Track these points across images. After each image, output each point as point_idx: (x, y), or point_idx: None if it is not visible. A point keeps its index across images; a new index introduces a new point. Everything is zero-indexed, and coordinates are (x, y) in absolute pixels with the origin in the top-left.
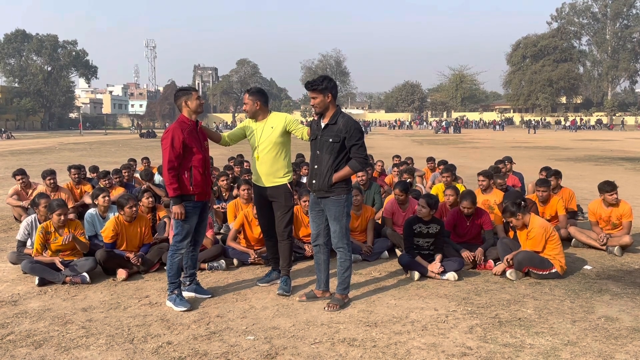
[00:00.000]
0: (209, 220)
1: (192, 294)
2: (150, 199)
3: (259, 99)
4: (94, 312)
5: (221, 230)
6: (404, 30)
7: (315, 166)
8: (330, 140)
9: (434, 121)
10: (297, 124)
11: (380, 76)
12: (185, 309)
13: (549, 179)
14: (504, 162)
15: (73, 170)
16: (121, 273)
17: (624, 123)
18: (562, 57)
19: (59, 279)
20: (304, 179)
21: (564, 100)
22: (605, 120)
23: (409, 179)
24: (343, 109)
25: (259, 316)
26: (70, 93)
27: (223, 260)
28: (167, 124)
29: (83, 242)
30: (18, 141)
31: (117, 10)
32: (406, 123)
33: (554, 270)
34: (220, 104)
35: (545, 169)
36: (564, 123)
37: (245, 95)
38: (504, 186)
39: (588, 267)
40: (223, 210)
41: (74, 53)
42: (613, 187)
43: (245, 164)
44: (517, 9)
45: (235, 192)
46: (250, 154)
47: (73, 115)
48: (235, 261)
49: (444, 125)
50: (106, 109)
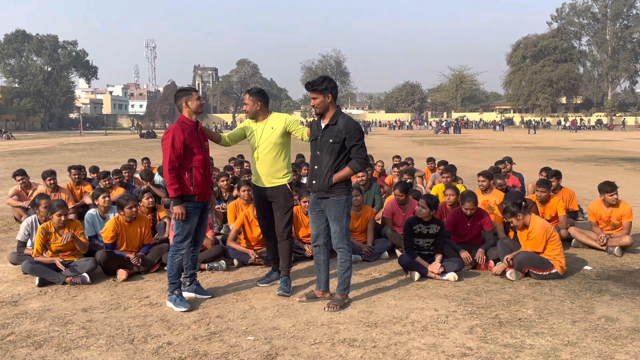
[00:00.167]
0: (209, 220)
1: (192, 295)
2: (150, 200)
3: (260, 99)
4: (94, 313)
5: (221, 231)
6: (404, 30)
7: (316, 167)
8: (331, 140)
9: (434, 121)
10: (298, 124)
11: (380, 76)
12: (185, 309)
13: (551, 179)
14: (504, 163)
15: (73, 170)
16: (121, 273)
17: (625, 123)
18: (562, 58)
19: (59, 279)
20: (304, 180)
21: (564, 100)
22: (605, 120)
23: (409, 179)
24: (343, 109)
25: (259, 316)
26: (70, 93)
27: (223, 261)
28: (167, 125)
29: (82, 242)
30: (18, 141)
31: (117, 10)
32: (406, 123)
33: (554, 271)
34: (220, 104)
35: (545, 170)
36: (564, 123)
37: (246, 96)
38: (504, 186)
39: (588, 268)
40: (223, 210)
41: (74, 53)
42: (613, 188)
43: (245, 164)
44: (517, 9)
45: (235, 193)
46: (250, 155)
47: (73, 115)
48: (236, 261)
49: (444, 126)
50: (106, 109)
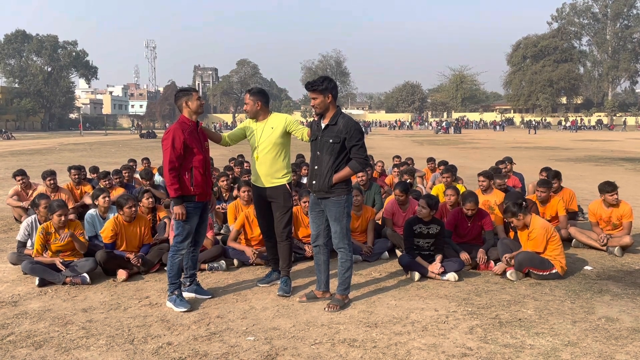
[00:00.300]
0: (209, 221)
1: (193, 295)
2: (150, 200)
3: (260, 99)
4: (94, 313)
5: (221, 231)
6: (404, 30)
7: (316, 167)
8: (331, 141)
9: (434, 121)
10: (298, 124)
11: (380, 76)
12: (185, 309)
13: (552, 181)
14: (505, 163)
15: (73, 170)
16: (121, 274)
17: (626, 123)
18: (563, 58)
19: (59, 279)
20: (304, 180)
21: (564, 100)
22: (605, 120)
23: (409, 179)
24: (343, 110)
25: (259, 317)
26: (70, 93)
27: (223, 261)
28: (167, 125)
29: (81, 242)
30: (18, 142)
31: (117, 10)
32: (406, 123)
33: (554, 271)
34: (220, 104)
35: (546, 170)
36: (564, 124)
37: (247, 95)
38: (503, 186)
39: (588, 268)
40: (223, 211)
41: (74, 53)
42: (614, 188)
43: (245, 164)
44: (518, 9)
45: (235, 193)
46: (250, 155)
47: (73, 115)
48: (236, 262)
49: (444, 126)
50: (106, 109)
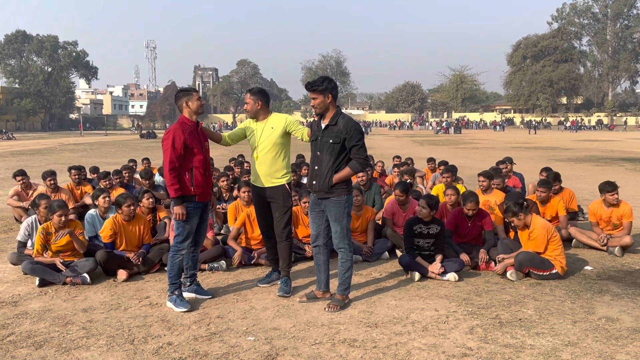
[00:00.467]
0: (209, 221)
1: (193, 295)
2: (150, 200)
3: (260, 98)
4: (94, 313)
5: (221, 231)
6: (404, 30)
7: (316, 167)
8: (331, 141)
9: (434, 122)
10: (298, 124)
11: (380, 77)
12: (185, 309)
13: (554, 184)
14: (505, 163)
15: (73, 171)
16: (122, 274)
17: (627, 123)
18: (563, 58)
19: (59, 279)
20: (304, 180)
21: (564, 100)
22: (605, 120)
23: (409, 179)
24: (343, 110)
25: (260, 317)
26: (70, 94)
27: (223, 261)
28: (168, 125)
29: (80, 241)
30: (18, 142)
31: (118, 10)
32: (406, 123)
33: (554, 271)
34: (220, 104)
35: (546, 170)
36: (565, 124)
37: (247, 95)
38: (501, 185)
39: (589, 268)
40: (223, 211)
41: (74, 54)
42: (614, 188)
43: (245, 164)
44: (518, 9)
45: (235, 193)
46: (250, 155)
47: (73, 116)
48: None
49: (444, 126)
50: (106, 109)
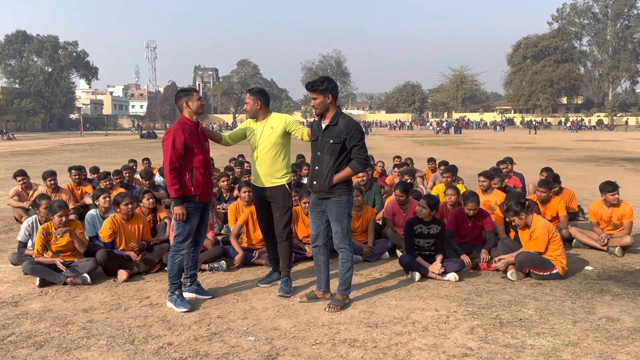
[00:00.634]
0: (210, 221)
1: (193, 295)
2: (150, 200)
3: (260, 98)
4: (94, 313)
5: (222, 232)
6: (405, 30)
7: (316, 167)
8: (331, 141)
9: (434, 122)
10: (297, 124)
11: (380, 77)
12: (186, 309)
13: (554, 186)
14: (506, 163)
15: (74, 171)
16: (122, 274)
17: (627, 123)
18: (563, 58)
19: (59, 280)
20: (304, 180)
21: (564, 100)
22: (606, 120)
23: (409, 179)
24: (343, 110)
25: (260, 317)
26: (70, 94)
27: (224, 261)
28: (168, 125)
29: (80, 240)
30: (19, 142)
31: (118, 10)
32: (407, 124)
33: (555, 271)
34: (220, 104)
35: (546, 170)
36: (565, 124)
37: (247, 95)
38: (498, 185)
39: (589, 268)
40: (224, 211)
41: (75, 54)
42: (615, 187)
43: (245, 164)
44: (518, 9)
45: (235, 194)
46: (250, 155)
47: (74, 116)
48: (237, 260)
49: (445, 126)
50: (107, 109)
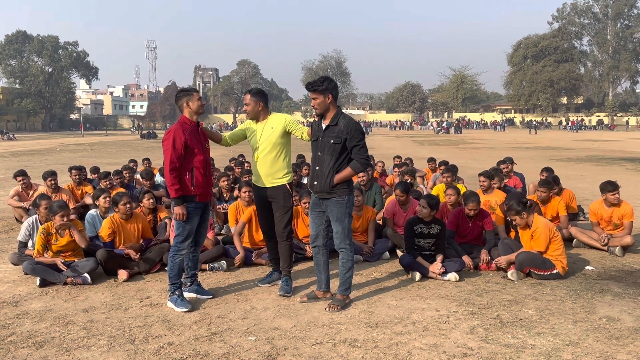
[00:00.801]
0: (210, 221)
1: (193, 295)
2: (151, 200)
3: (261, 99)
4: (95, 313)
5: (222, 232)
6: (404, 30)
7: (317, 167)
8: (332, 141)
9: (435, 122)
10: (297, 124)
11: (381, 77)
12: (186, 309)
13: (554, 186)
14: (506, 163)
15: (74, 171)
16: (122, 274)
17: (628, 123)
18: (563, 58)
19: (60, 279)
20: (304, 180)
21: (564, 100)
22: (606, 120)
23: (410, 179)
24: (344, 110)
25: (260, 317)
26: (71, 94)
27: (224, 261)
28: (168, 125)
29: (81, 234)
30: (19, 142)
31: (118, 10)
32: (407, 124)
33: (555, 271)
34: (221, 104)
35: (546, 170)
36: (565, 124)
37: (247, 96)
38: (497, 185)
39: (589, 268)
40: (224, 211)
41: (75, 54)
42: (615, 187)
43: (246, 164)
44: (518, 9)
45: (236, 194)
46: (251, 155)
47: (74, 116)
48: (238, 260)
49: (445, 126)
50: (107, 109)
